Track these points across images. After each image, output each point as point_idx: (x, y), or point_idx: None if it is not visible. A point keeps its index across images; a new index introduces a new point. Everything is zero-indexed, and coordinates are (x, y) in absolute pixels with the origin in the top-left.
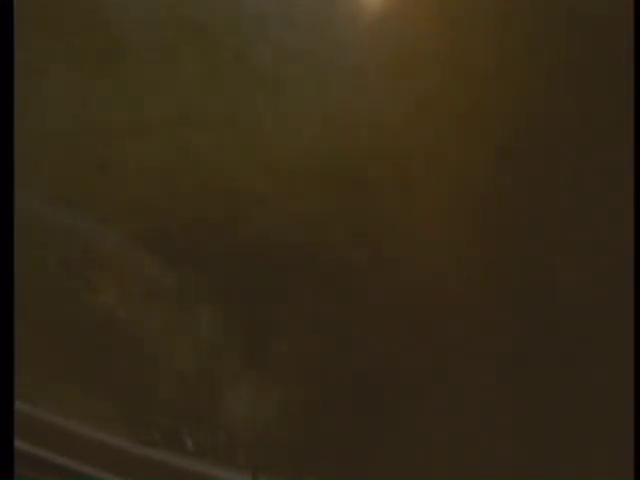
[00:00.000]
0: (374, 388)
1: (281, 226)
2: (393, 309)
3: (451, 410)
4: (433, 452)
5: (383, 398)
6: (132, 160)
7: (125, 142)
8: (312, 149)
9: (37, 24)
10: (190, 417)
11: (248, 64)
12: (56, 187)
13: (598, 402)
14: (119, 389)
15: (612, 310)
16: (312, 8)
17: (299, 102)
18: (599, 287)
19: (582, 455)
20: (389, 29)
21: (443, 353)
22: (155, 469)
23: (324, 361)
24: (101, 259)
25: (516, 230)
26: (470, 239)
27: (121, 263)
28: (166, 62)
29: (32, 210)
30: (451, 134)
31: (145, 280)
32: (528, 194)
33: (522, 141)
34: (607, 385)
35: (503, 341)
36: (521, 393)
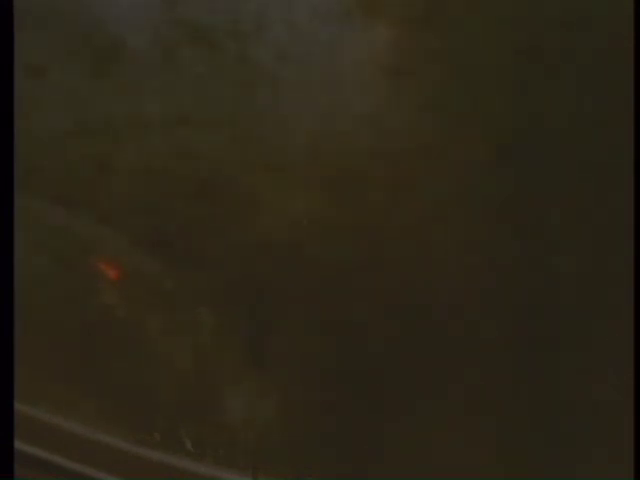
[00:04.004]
0: (374, 388)
1: (281, 227)
2: (393, 309)
3: (451, 410)
4: (434, 452)
5: (383, 398)
6: (132, 160)
7: (125, 142)
8: (312, 149)
9: (37, 24)
10: (190, 418)
11: (248, 64)
12: (56, 187)
13: (598, 402)
14: (119, 390)
15: (612, 310)
16: (312, 8)
17: (299, 102)
18: (599, 287)
19: (582, 455)
20: (389, 29)
21: (444, 353)
22: (155, 470)
23: (324, 361)
24: (101, 259)
25: (516, 230)
26: (470, 239)
27: (121, 263)
28: (166, 62)
29: (32, 210)
30: (451, 134)
31: (145, 280)
32: (528, 194)
33: (522, 141)
34: (607, 385)
35: (503, 341)
36: (521, 394)
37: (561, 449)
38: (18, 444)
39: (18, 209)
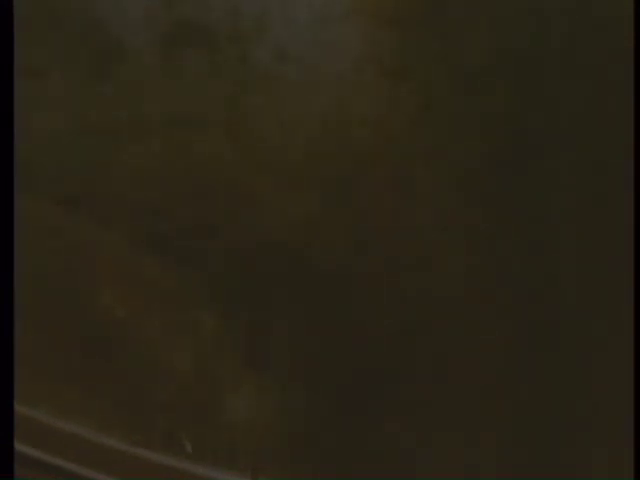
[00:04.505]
0: (374, 389)
1: (280, 227)
2: (393, 310)
3: (452, 412)
4: (434, 452)
5: (383, 399)
6: (132, 160)
7: (125, 143)
8: (312, 150)
9: (37, 24)
10: (189, 419)
11: (248, 64)
12: (56, 187)
13: (598, 402)
14: (118, 391)
15: (612, 310)
16: (311, 8)
17: (299, 102)
18: (599, 287)
19: (582, 455)
20: (388, 30)
21: (443, 354)
22: (154, 471)
23: (324, 362)
24: (101, 260)
25: (517, 230)
26: (470, 239)
27: (121, 263)
28: (166, 62)
29: (32, 210)
30: (451, 134)
31: (145, 281)
32: (529, 194)
33: (522, 141)
34: (607, 385)
35: (503, 342)
36: (520, 394)
37: (561, 449)
38: (18, 446)
39: (18, 209)
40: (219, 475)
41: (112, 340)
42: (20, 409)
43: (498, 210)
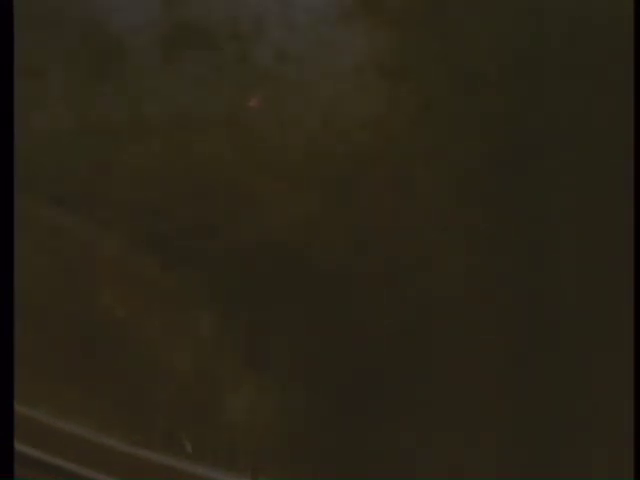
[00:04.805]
0: (374, 389)
1: (280, 227)
2: (393, 310)
3: (452, 412)
4: (434, 452)
5: (383, 399)
6: (132, 161)
7: (125, 143)
8: (312, 150)
9: (37, 24)
10: (189, 419)
11: (248, 64)
12: (56, 187)
13: (598, 402)
14: (118, 391)
15: (612, 310)
16: (311, 8)
17: (299, 103)
18: (599, 287)
19: (582, 455)
20: (388, 30)
21: (443, 354)
22: (154, 471)
23: (324, 362)
24: (101, 260)
25: (517, 230)
26: (470, 239)
27: (121, 264)
28: (166, 63)
29: (32, 210)
30: (451, 134)
31: (145, 281)
32: (529, 194)
33: (522, 141)
34: (607, 385)
35: (504, 343)
36: (521, 394)
37: (561, 449)
38: (18, 446)
39: (18, 209)
40: (219, 475)
41: (112, 340)
42: (20, 409)
43: (498, 210)
